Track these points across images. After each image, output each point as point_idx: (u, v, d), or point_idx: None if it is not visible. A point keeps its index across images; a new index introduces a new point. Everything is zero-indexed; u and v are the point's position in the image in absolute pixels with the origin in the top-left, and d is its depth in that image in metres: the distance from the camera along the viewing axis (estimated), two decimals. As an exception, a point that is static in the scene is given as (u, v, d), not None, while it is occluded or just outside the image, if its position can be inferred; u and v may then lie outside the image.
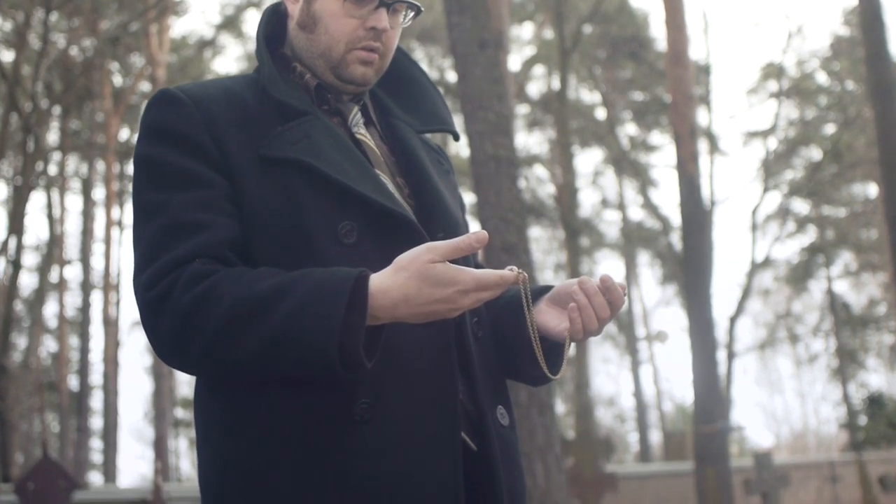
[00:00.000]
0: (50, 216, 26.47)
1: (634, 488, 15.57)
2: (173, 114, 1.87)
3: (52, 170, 28.49)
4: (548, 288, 1.97)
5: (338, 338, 1.63)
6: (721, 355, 21.56)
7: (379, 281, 1.68)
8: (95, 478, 30.51)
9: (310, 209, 1.81)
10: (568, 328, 1.85)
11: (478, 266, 2.15)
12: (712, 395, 16.00)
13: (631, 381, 39.58)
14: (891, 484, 17.62)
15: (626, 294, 1.86)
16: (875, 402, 28.64)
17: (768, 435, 54.88)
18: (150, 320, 1.74)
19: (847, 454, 24.58)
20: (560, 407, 32.27)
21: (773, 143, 30.89)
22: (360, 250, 1.79)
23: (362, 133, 1.98)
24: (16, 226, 17.19)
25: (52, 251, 27.52)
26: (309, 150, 1.84)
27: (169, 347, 1.74)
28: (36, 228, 77.36)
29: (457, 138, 2.16)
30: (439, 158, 2.12)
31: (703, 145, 25.05)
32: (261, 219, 1.82)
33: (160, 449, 25.55)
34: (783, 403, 68.17)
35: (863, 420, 29.02)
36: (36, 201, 45.94)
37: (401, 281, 1.66)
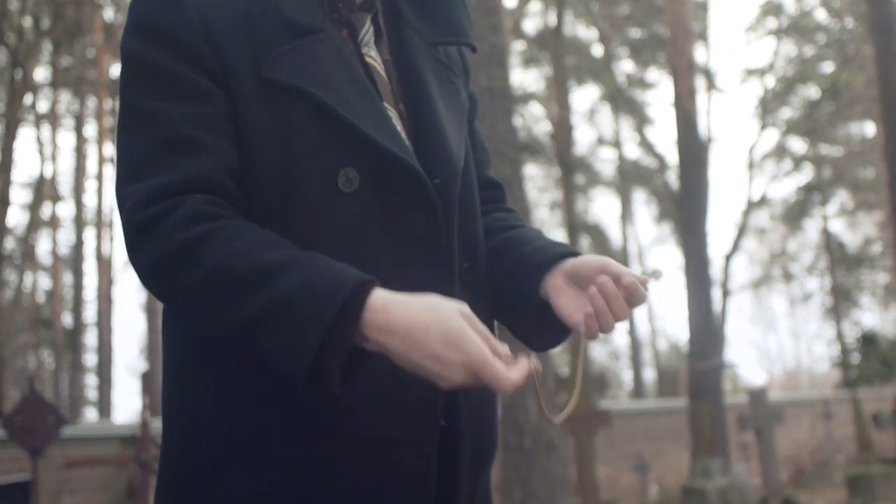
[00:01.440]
0: (41, 153, 26.29)
1: (628, 425, 15.61)
2: (170, 13, 1.62)
3: (44, 107, 28.27)
4: (565, 253, 1.76)
5: (308, 358, 1.42)
6: (716, 293, 21.53)
7: (388, 298, 1.45)
8: (91, 414, 30.70)
9: (309, 148, 1.60)
10: (583, 331, 1.66)
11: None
12: (707, 332, 15.99)
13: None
14: (884, 421, 17.68)
15: (647, 290, 1.68)
16: (868, 340, 28.75)
17: (761, 373, 55.26)
18: (134, 243, 1.56)
19: (840, 392, 24.68)
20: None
21: (770, 80, 30.69)
22: (359, 200, 1.60)
23: (372, 56, 1.74)
24: (4, 161, 17.01)
25: (43, 188, 27.36)
26: (316, 79, 1.61)
27: (147, 276, 1.57)
28: (28, 165, 77.17)
29: (474, 51, 1.92)
30: (450, 76, 1.86)
31: (700, 82, 24.84)
32: (252, 151, 1.60)
33: (148, 384, 25.60)
34: (777, 342, 68.49)
35: (856, 358, 29.15)
36: (27, 138, 45.67)
37: (415, 311, 1.43)
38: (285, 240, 1.53)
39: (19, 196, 32.07)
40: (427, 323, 1.41)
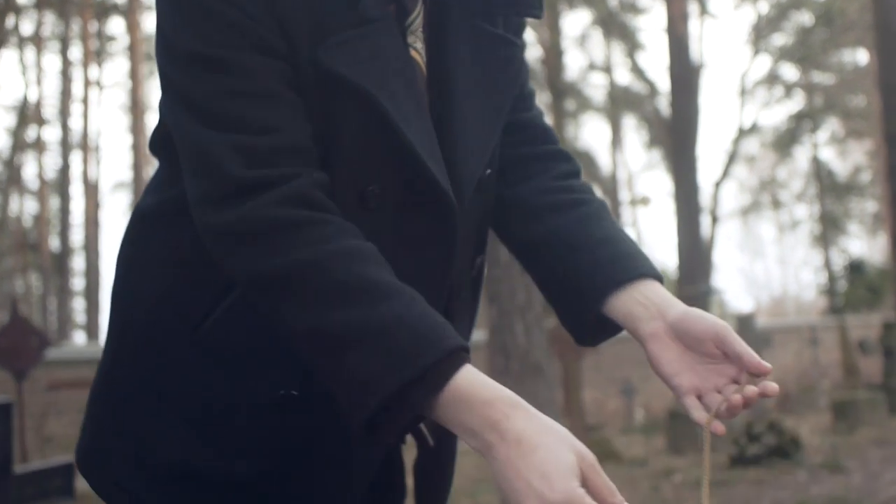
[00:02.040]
0: (25, 76, 25.97)
1: (615, 349, 15.63)
2: None
3: (28, 29, 27.87)
4: (647, 273, 1.52)
5: (375, 403, 1.24)
6: (705, 220, 21.50)
7: (482, 380, 1.24)
8: (79, 337, 30.73)
9: (346, 153, 1.40)
10: (706, 420, 1.43)
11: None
12: (695, 258, 15.99)
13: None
14: (870, 347, 17.78)
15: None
16: (855, 268, 28.86)
17: (749, 300, 55.53)
18: (227, 197, 1.33)
19: (827, 318, 24.79)
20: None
21: (764, 6, 30.41)
22: (379, 216, 1.42)
23: (417, 49, 1.49)
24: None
25: (28, 111, 27.08)
26: (374, 76, 1.38)
27: (225, 235, 1.35)
28: (12, 88, 76.30)
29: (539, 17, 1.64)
30: (496, 49, 1.58)
31: (693, 7, 24.57)
32: None
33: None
34: (764, 269, 68.60)
35: (843, 286, 29.27)
36: (11, 61, 45.06)
37: (523, 414, 1.22)
38: (384, 260, 1.34)
39: (4, 119, 31.73)
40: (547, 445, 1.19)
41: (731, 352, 1.41)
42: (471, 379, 1.23)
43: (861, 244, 43.05)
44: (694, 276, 15.30)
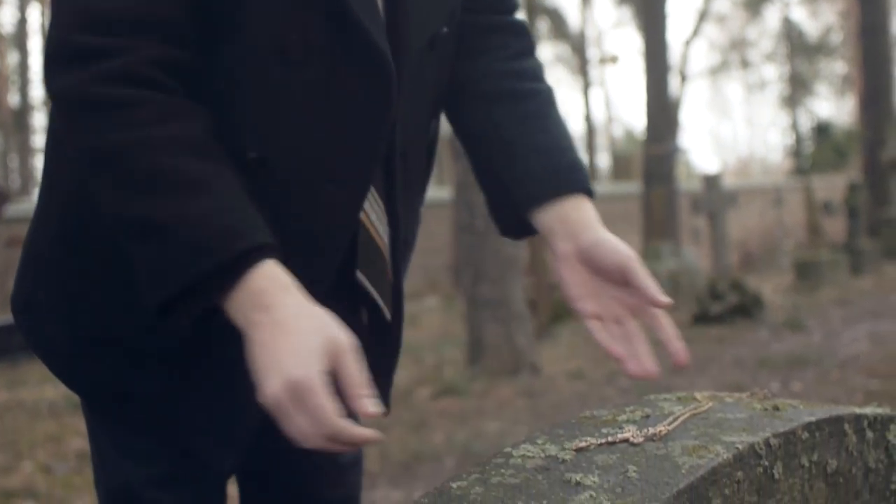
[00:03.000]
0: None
1: (581, 209, 15.62)
2: None
3: None
4: (577, 188, 1.50)
5: (165, 295, 1.21)
6: (673, 79, 21.30)
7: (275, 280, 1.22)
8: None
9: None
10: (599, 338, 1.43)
11: None
12: (663, 117, 15.86)
13: (581, 104, 39.43)
14: (834, 209, 17.87)
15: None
16: (822, 130, 28.87)
17: (715, 160, 55.69)
18: (57, 61, 1.28)
19: (793, 179, 24.87)
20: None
21: None
22: (298, 72, 1.32)
23: None
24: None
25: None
26: None
27: (53, 98, 1.30)
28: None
29: None
30: None
31: None
32: None
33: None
34: (732, 130, 68.69)
35: (809, 147, 29.32)
36: None
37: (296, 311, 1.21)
38: (211, 145, 1.26)
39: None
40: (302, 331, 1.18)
41: (635, 284, 1.40)
42: (260, 274, 1.21)
43: (829, 106, 43.08)
44: (661, 136, 15.19)
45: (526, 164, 1.50)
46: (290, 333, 1.17)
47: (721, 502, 1.11)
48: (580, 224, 1.48)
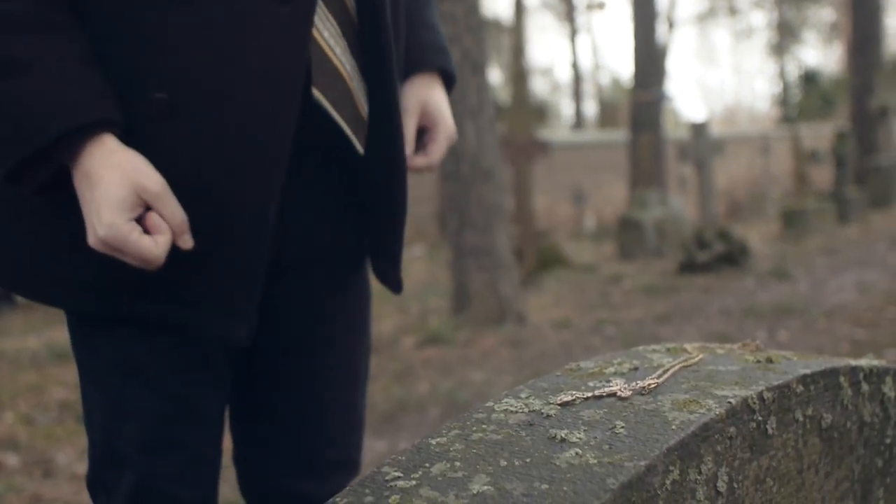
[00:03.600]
0: None
1: (568, 156, 15.54)
2: None
3: None
4: (436, 67, 1.69)
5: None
6: (661, 25, 21.09)
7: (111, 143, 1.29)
8: None
9: None
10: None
11: None
12: (650, 64, 15.73)
13: (568, 51, 39.18)
14: (822, 157, 17.83)
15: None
16: (810, 78, 28.78)
17: (702, 109, 55.51)
18: None
19: (780, 128, 24.79)
20: (495, 76, 31.96)
21: None
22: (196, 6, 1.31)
23: None
24: None
25: None
26: None
27: None
28: None
29: None
30: None
31: None
32: None
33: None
34: (718, 78, 68.34)
35: (796, 95, 29.22)
36: None
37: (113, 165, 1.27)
38: (47, 15, 1.28)
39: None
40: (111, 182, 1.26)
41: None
42: (87, 144, 1.27)
43: (816, 53, 42.88)
44: (648, 83, 15.07)
45: (417, 37, 1.66)
46: (96, 186, 1.25)
47: (713, 459, 1.06)
48: (429, 97, 1.67)
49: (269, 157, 1.37)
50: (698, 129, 12.09)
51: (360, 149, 1.48)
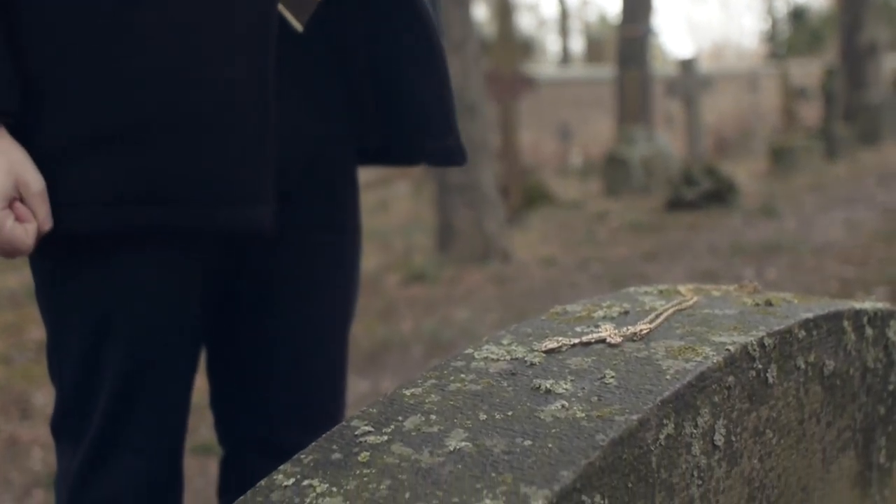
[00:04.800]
0: None
1: (554, 92, 15.38)
2: None
3: None
4: None
5: None
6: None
7: None
8: None
9: None
10: None
11: None
12: (638, -1, 15.52)
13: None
14: (810, 94, 17.70)
15: None
16: (798, 14, 28.53)
17: (689, 45, 55.17)
18: None
19: (768, 64, 24.62)
20: (480, 10, 31.62)
21: None
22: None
23: None
24: None
25: None
26: None
27: None
28: None
29: None
30: None
31: None
32: None
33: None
34: (706, 13, 67.81)
35: (785, 32, 29.01)
36: None
37: None
38: None
39: None
40: None
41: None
42: None
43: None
44: (635, 18, 14.86)
45: None
46: None
47: (710, 412, 0.98)
48: None
49: (257, 34, 1.33)
50: (686, 65, 11.95)
51: (298, 26, 1.40)
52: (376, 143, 1.58)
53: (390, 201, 11.05)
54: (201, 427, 3.31)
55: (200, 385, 1.56)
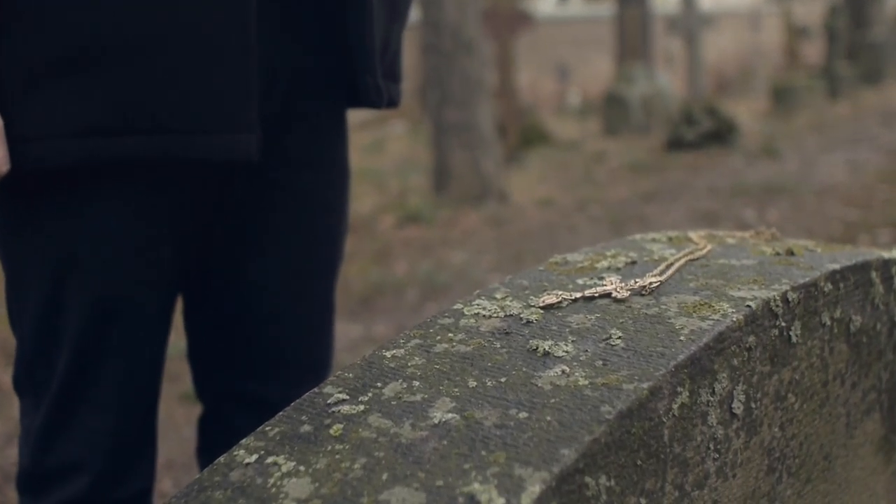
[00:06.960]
0: None
1: (552, 31, 15.15)
2: None
3: None
4: None
5: None
6: None
7: None
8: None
9: None
10: None
11: None
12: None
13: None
14: (812, 32, 17.48)
15: None
16: (801, -49, 28.12)
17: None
18: None
19: (770, 2, 24.31)
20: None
21: None
22: None
23: None
24: None
25: None
26: None
27: None
28: None
29: None
30: None
31: None
32: None
33: None
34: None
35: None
36: None
37: None
38: None
39: None
40: None
41: None
42: None
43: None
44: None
45: None
46: None
47: (728, 376, 0.87)
48: None
49: None
50: (687, 2, 11.75)
51: None
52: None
53: (386, 141, 10.89)
54: (187, 374, 3.22)
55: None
